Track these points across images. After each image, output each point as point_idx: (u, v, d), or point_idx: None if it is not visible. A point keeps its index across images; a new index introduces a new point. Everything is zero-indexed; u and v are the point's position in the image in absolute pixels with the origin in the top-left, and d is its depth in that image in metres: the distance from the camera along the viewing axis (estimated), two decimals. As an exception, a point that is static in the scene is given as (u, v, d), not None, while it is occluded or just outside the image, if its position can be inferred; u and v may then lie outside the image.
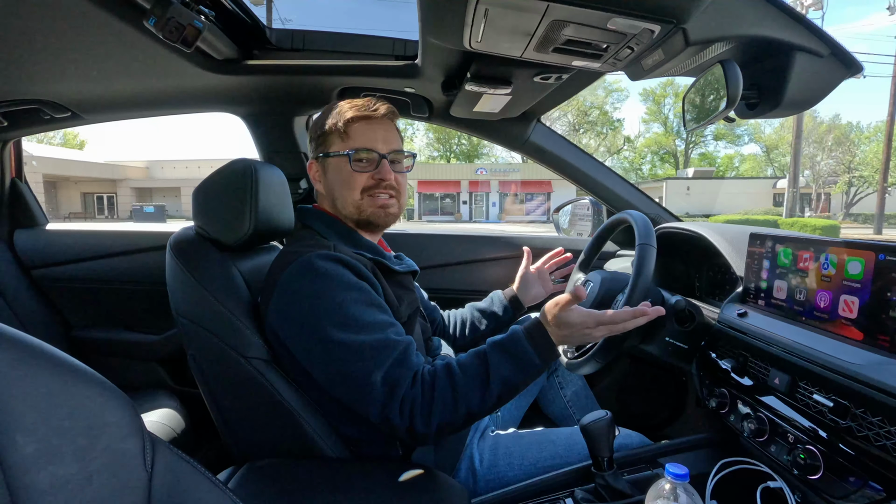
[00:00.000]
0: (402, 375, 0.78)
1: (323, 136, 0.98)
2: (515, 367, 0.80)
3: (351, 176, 0.95)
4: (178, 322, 0.94)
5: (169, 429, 1.34)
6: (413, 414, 0.77)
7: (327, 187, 0.99)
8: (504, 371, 0.80)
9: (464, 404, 0.78)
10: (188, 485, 0.43)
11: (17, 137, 1.70)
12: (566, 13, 0.72)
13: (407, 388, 0.78)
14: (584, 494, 0.81)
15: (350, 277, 0.84)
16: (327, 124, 0.97)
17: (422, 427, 0.77)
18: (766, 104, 0.88)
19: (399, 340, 0.81)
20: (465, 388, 0.79)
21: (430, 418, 0.77)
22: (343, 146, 0.95)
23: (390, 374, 0.78)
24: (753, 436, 0.80)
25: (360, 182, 0.95)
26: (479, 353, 0.83)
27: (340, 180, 0.96)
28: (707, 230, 1.12)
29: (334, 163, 0.97)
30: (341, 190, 0.96)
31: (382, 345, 0.79)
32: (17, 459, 0.32)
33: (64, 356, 0.38)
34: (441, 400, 0.78)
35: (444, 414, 0.77)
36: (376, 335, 0.80)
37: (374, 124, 0.96)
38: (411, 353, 0.82)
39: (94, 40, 1.04)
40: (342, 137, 0.95)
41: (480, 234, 1.76)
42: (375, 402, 0.77)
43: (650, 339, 1.02)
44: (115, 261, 1.65)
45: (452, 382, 0.79)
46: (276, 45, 1.29)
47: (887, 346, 0.64)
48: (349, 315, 0.80)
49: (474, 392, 0.79)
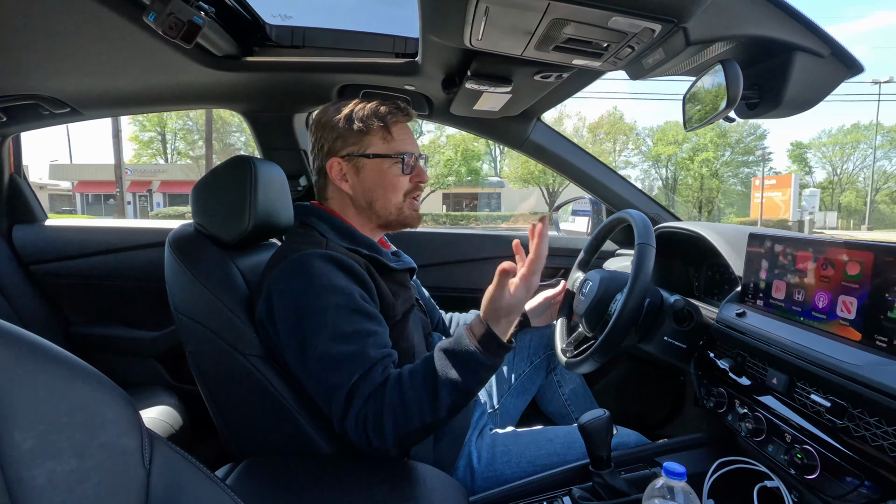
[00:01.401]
0: (360, 392, 0.76)
1: (358, 134, 0.95)
2: (463, 369, 0.76)
3: (398, 179, 0.96)
4: (177, 319, 0.94)
5: (167, 425, 1.34)
6: (366, 428, 0.75)
7: (360, 188, 0.97)
8: (451, 375, 0.75)
9: (415, 415, 0.75)
10: (186, 481, 0.43)
11: (16, 133, 1.70)
12: (567, 11, 0.72)
13: (361, 404, 0.76)
14: (582, 493, 0.81)
15: (338, 280, 0.83)
16: (366, 123, 0.94)
17: (377, 441, 0.75)
18: (766, 104, 0.88)
19: (371, 355, 0.79)
20: (414, 398, 0.75)
21: (383, 432, 0.75)
22: (388, 148, 0.95)
23: (352, 389, 0.76)
24: (751, 435, 0.80)
25: (404, 185, 0.97)
26: (426, 360, 0.79)
27: (383, 182, 0.96)
28: (706, 230, 1.12)
29: (375, 164, 0.95)
30: (384, 192, 0.96)
31: (352, 358, 0.78)
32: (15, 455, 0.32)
33: (62, 352, 0.38)
34: (391, 412, 0.75)
35: (398, 426, 0.75)
36: (350, 346, 0.78)
37: (407, 126, 0.99)
38: (377, 370, 0.78)
39: (93, 36, 1.04)
40: (385, 139, 0.95)
41: (481, 233, 1.76)
42: (335, 414, 0.78)
43: (649, 338, 1.02)
44: (113, 257, 1.65)
45: (401, 394, 0.76)
46: (276, 42, 1.28)
47: (885, 347, 0.64)
48: (328, 321, 0.79)
49: (423, 402, 0.75)
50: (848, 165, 33.03)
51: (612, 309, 1.04)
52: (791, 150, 34.86)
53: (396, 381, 0.78)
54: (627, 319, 0.91)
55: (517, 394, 1.28)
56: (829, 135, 32.85)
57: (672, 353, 1.00)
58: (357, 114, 0.95)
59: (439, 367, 0.77)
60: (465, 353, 0.77)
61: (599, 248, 1.27)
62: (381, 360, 0.80)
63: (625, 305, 0.91)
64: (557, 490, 0.85)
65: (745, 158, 32.05)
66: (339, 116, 0.96)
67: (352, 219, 1.00)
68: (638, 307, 0.92)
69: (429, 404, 0.75)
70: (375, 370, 0.79)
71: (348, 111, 0.95)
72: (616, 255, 1.60)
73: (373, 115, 0.94)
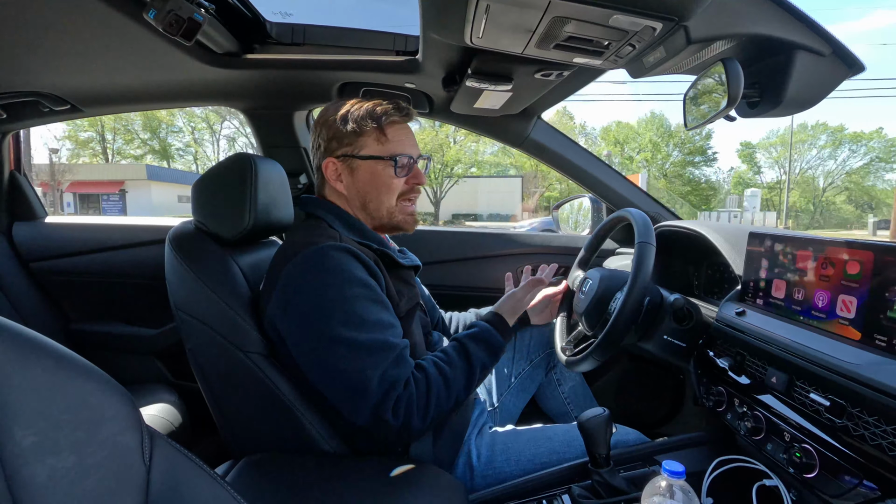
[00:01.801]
0: (398, 377, 0.80)
1: (352, 134, 0.93)
2: (489, 353, 0.94)
3: (392, 181, 0.95)
4: (177, 316, 0.94)
5: (167, 422, 1.34)
6: (409, 412, 0.79)
7: (356, 189, 0.96)
8: (482, 357, 0.92)
9: (454, 393, 0.86)
10: (186, 478, 0.43)
11: (17, 130, 1.70)
12: (568, 10, 0.72)
13: (401, 389, 0.80)
14: (581, 491, 0.81)
15: (359, 272, 0.84)
16: (359, 123, 0.93)
17: (419, 423, 0.81)
18: (766, 103, 0.88)
19: (396, 343, 0.83)
20: (455, 379, 0.87)
21: (427, 413, 0.81)
22: (382, 149, 0.94)
23: (387, 374, 0.79)
24: (750, 434, 0.80)
25: (398, 188, 0.96)
26: (457, 348, 0.93)
27: (376, 184, 0.95)
28: (706, 229, 1.12)
29: (369, 165, 0.94)
30: (376, 194, 0.96)
31: (381, 345, 0.80)
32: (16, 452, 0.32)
33: (63, 349, 0.38)
34: (436, 395, 0.83)
35: (439, 406, 0.83)
36: (376, 335, 0.80)
37: (406, 127, 0.97)
38: (406, 356, 0.84)
39: (93, 33, 1.03)
40: (380, 140, 0.94)
41: (483, 231, 1.76)
42: (368, 401, 0.78)
43: (648, 337, 1.02)
44: (114, 254, 1.65)
45: (444, 377, 0.85)
46: (277, 40, 1.28)
47: (884, 346, 0.64)
48: (354, 312, 0.80)
49: (462, 381, 0.88)
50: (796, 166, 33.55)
51: (612, 307, 1.04)
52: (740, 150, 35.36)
53: (436, 368, 0.86)
54: (627, 318, 0.91)
55: (517, 392, 1.28)
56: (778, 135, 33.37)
57: (672, 352, 1.00)
58: (353, 114, 0.94)
59: (473, 351, 0.92)
60: (492, 339, 0.96)
61: (599, 247, 1.27)
62: (405, 349, 0.84)
63: (625, 304, 0.91)
64: (557, 488, 0.86)
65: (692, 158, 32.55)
66: (335, 116, 0.95)
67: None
68: (638, 306, 0.92)
69: (464, 382, 0.88)
70: (404, 357, 0.83)
71: (344, 111, 0.94)
72: (616, 254, 1.60)
73: (368, 115, 0.93)
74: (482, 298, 1.47)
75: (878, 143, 30.51)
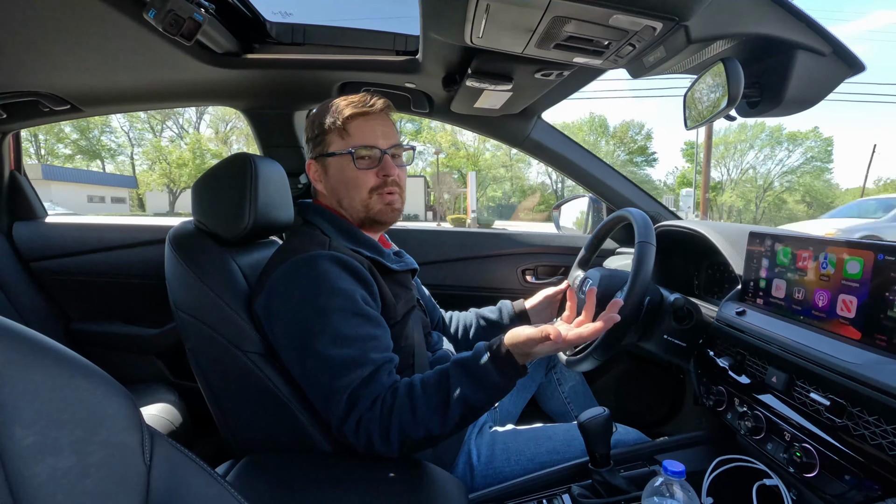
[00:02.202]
0: (365, 396, 0.77)
1: (321, 135, 0.95)
2: (477, 388, 0.76)
3: (356, 175, 0.93)
4: (177, 316, 0.94)
5: (167, 422, 1.34)
6: (370, 433, 0.76)
7: (330, 187, 0.97)
8: (465, 391, 0.76)
9: (423, 425, 0.76)
10: (186, 478, 0.43)
11: (17, 130, 1.70)
12: (568, 9, 0.72)
13: (365, 409, 0.76)
14: (581, 490, 0.81)
15: (342, 282, 0.83)
16: (325, 123, 0.94)
17: (381, 446, 0.76)
18: (767, 103, 0.88)
19: (373, 359, 0.79)
20: (426, 408, 0.76)
21: (389, 438, 0.76)
22: (343, 144, 0.93)
23: (354, 392, 0.77)
24: (750, 433, 0.80)
25: (367, 182, 0.94)
26: (441, 373, 0.80)
27: (345, 180, 0.94)
28: (706, 228, 1.12)
29: (336, 162, 0.95)
30: (347, 190, 0.95)
31: (354, 362, 0.78)
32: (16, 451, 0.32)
33: (63, 349, 0.38)
34: (398, 421, 0.76)
35: (404, 433, 0.76)
36: (351, 350, 0.78)
37: (372, 120, 0.95)
38: (381, 374, 0.79)
39: (93, 32, 1.03)
40: (342, 135, 0.93)
41: (480, 231, 1.76)
42: (334, 416, 0.78)
43: (648, 336, 1.02)
44: (114, 254, 1.65)
45: (412, 403, 0.77)
46: (277, 39, 1.28)
47: (884, 346, 0.64)
48: (329, 325, 0.79)
49: (434, 413, 0.76)
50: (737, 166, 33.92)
51: None
52: (685, 149, 35.50)
53: (408, 389, 0.78)
54: (627, 317, 0.91)
55: (517, 391, 1.28)
56: (719, 135, 33.68)
57: (672, 352, 1.00)
58: (320, 113, 0.96)
59: (454, 381, 0.77)
60: (481, 371, 0.77)
61: (600, 247, 1.27)
62: (383, 365, 0.81)
63: (625, 303, 0.91)
64: (557, 487, 0.86)
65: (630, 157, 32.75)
66: (312, 117, 0.98)
67: None
68: (638, 305, 0.92)
69: (438, 416, 0.76)
70: (379, 375, 0.79)
71: (317, 111, 0.97)
72: (616, 254, 1.60)
73: (331, 112, 0.94)
74: (482, 298, 1.47)
75: (814, 143, 31.30)
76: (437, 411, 0.76)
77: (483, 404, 0.77)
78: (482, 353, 0.79)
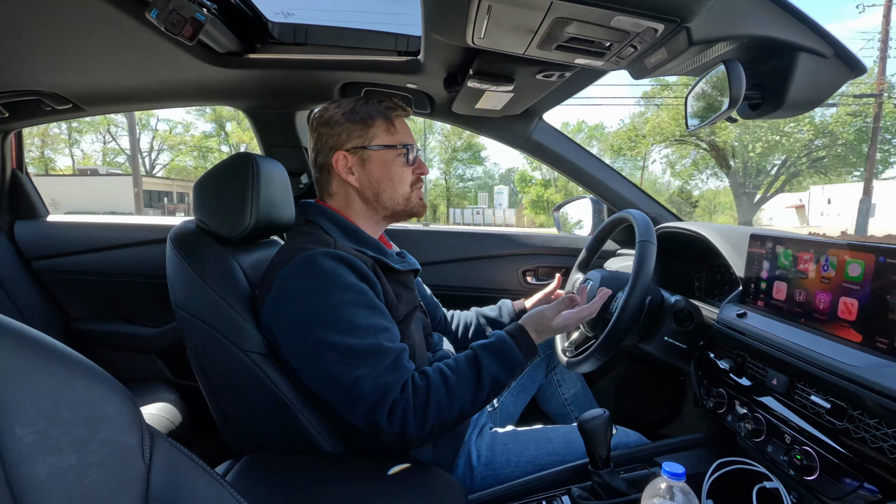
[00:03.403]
0: (393, 382, 0.78)
1: (363, 127, 0.96)
2: (504, 367, 0.86)
3: (402, 169, 0.98)
4: (178, 315, 0.94)
5: (167, 421, 1.34)
6: (405, 418, 0.77)
7: (366, 179, 0.97)
8: (494, 371, 0.85)
9: (458, 404, 0.81)
10: (186, 477, 0.43)
11: (18, 129, 1.70)
12: (569, 11, 0.72)
13: (397, 394, 0.78)
14: (581, 492, 0.81)
15: (349, 278, 0.83)
16: (369, 115, 0.96)
17: (416, 430, 0.78)
18: (768, 104, 0.88)
19: (391, 347, 0.81)
20: (459, 389, 0.82)
21: (426, 421, 0.79)
22: (392, 139, 0.97)
23: (381, 379, 0.78)
24: (750, 436, 0.80)
25: (409, 176, 0.99)
26: (469, 357, 0.88)
27: (389, 173, 0.97)
28: (707, 230, 1.12)
29: (380, 156, 0.96)
30: (390, 182, 0.98)
31: (374, 350, 0.79)
32: (16, 450, 0.32)
33: (63, 348, 0.38)
34: (436, 402, 0.80)
35: (440, 415, 0.80)
36: (368, 340, 0.80)
37: (406, 121, 1.02)
38: (403, 360, 0.82)
39: (95, 32, 1.04)
40: (389, 130, 0.97)
41: (481, 231, 1.76)
42: (362, 406, 0.77)
43: (649, 338, 1.02)
44: (115, 253, 1.65)
45: (447, 385, 0.82)
46: (279, 39, 1.28)
47: (886, 349, 0.64)
48: (343, 317, 0.80)
49: (467, 392, 0.83)
50: None
51: (613, 308, 1.04)
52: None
53: (439, 373, 0.84)
54: (628, 318, 0.91)
55: (517, 393, 1.28)
56: None
57: (672, 354, 1.00)
58: (360, 108, 0.97)
59: (483, 361, 0.86)
60: (508, 353, 0.88)
61: (600, 248, 1.27)
62: (402, 352, 0.83)
63: (626, 304, 0.91)
64: (556, 489, 0.86)
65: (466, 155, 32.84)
66: (342, 112, 0.97)
67: (357, 214, 0.99)
68: (639, 306, 0.92)
69: (471, 395, 0.83)
70: (402, 361, 0.82)
71: (351, 106, 0.98)
72: (617, 255, 1.60)
73: (376, 108, 0.97)
74: (483, 298, 1.47)
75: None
76: (470, 390, 0.83)
77: (507, 381, 0.88)
78: (505, 338, 0.90)
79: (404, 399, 0.78)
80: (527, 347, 0.90)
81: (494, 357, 0.87)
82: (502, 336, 0.91)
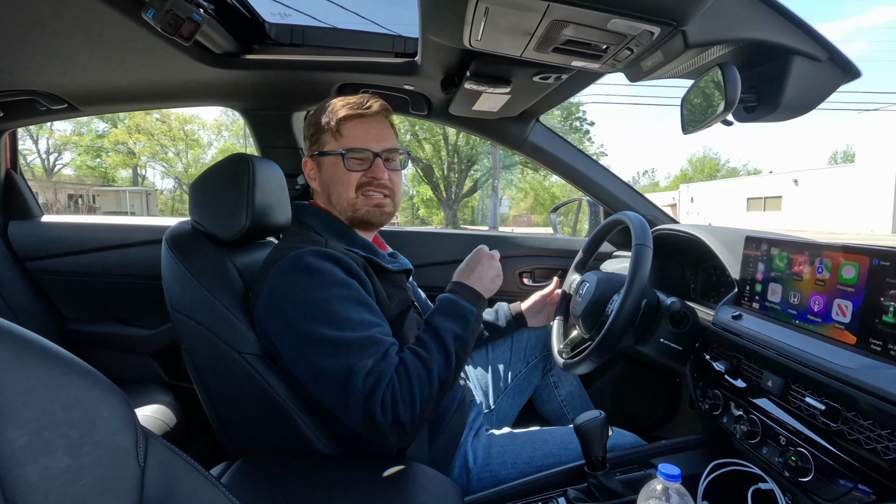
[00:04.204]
0: (385, 371, 0.78)
1: (317, 134, 0.98)
2: (458, 321, 0.89)
3: (345, 175, 0.95)
4: (173, 316, 0.94)
5: (162, 423, 1.34)
6: (395, 404, 0.76)
7: (322, 185, 1.00)
8: (451, 328, 0.88)
9: (435, 374, 0.82)
10: (181, 479, 0.43)
11: (13, 128, 1.69)
12: (566, 13, 0.72)
13: (387, 384, 0.78)
14: (577, 494, 0.81)
15: (339, 274, 0.84)
16: (321, 122, 0.96)
17: (406, 414, 0.77)
18: (763, 108, 0.89)
19: (383, 339, 0.82)
20: (431, 358, 0.83)
21: (414, 402, 0.78)
22: (336, 145, 0.95)
23: (374, 369, 0.77)
24: (745, 437, 0.80)
25: (353, 180, 0.95)
26: (426, 328, 0.89)
27: (335, 179, 0.96)
28: (703, 232, 1.12)
29: (328, 161, 0.97)
30: (336, 188, 0.97)
31: (365, 342, 0.79)
32: (9, 452, 0.32)
33: (57, 349, 0.38)
34: (418, 380, 0.80)
35: (423, 391, 0.80)
36: (360, 333, 0.80)
37: (367, 122, 0.96)
38: (392, 353, 0.82)
39: (91, 32, 1.03)
40: (335, 136, 0.95)
41: (476, 233, 1.76)
42: (357, 397, 0.76)
43: (645, 340, 1.02)
44: (110, 254, 1.64)
45: (420, 359, 0.82)
46: (275, 40, 1.28)
47: (880, 351, 0.64)
48: (334, 312, 0.80)
49: (438, 358, 0.84)
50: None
51: (609, 310, 1.04)
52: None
53: (412, 353, 0.84)
54: (624, 320, 0.92)
55: (513, 394, 1.28)
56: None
57: (668, 355, 1.00)
58: (317, 113, 0.99)
59: (439, 324, 0.88)
60: (455, 306, 0.91)
61: (597, 250, 1.27)
62: (393, 346, 0.83)
63: (622, 305, 0.91)
64: (553, 491, 0.85)
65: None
66: (311, 116, 1.00)
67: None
68: (635, 307, 0.93)
69: (442, 359, 0.84)
70: (391, 352, 0.82)
71: (313, 110, 1.00)
72: (613, 257, 1.60)
73: (327, 112, 0.97)
74: None
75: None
76: (441, 355, 0.84)
77: (469, 334, 0.90)
78: (443, 298, 0.94)
79: (391, 388, 0.78)
80: (469, 295, 0.94)
81: (446, 316, 0.90)
82: (443, 296, 0.95)
